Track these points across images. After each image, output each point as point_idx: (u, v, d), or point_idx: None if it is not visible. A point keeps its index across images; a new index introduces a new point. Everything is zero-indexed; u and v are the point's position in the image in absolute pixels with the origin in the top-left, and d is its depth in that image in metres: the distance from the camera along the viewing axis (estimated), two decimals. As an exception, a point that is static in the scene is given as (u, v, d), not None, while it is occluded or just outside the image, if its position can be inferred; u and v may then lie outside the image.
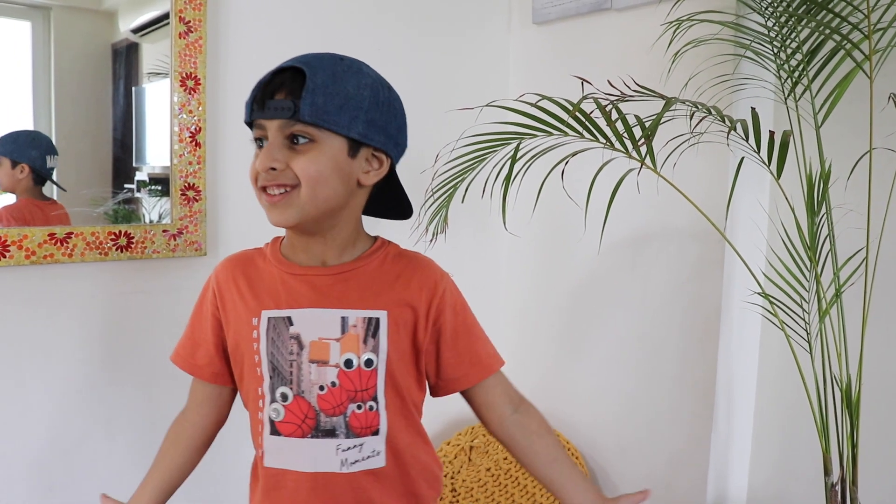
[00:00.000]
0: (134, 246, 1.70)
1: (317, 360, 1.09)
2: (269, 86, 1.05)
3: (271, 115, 1.03)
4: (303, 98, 1.01)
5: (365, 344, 1.09)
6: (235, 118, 1.85)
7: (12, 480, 1.63)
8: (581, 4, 2.19)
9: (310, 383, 1.09)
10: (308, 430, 1.09)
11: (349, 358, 1.09)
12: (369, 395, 1.10)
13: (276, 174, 1.04)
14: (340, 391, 1.09)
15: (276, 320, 1.09)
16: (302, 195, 1.04)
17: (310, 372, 1.09)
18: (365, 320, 1.09)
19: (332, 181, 1.06)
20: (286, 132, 1.04)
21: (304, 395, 1.09)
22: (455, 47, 2.33)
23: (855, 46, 1.43)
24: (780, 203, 1.65)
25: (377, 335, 1.10)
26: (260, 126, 1.06)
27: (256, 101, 1.05)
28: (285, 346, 1.09)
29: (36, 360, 1.64)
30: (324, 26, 2.01)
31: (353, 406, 1.09)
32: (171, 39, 1.71)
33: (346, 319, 1.09)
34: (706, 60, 1.79)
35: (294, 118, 1.02)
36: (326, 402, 1.09)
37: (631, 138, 1.48)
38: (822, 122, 1.56)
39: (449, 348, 1.17)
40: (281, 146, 1.04)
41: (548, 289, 2.40)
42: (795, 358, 1.60)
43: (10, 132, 1.57)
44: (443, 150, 1.78)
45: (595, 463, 2.28)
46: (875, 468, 1.69)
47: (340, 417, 1.09)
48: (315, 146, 1.04)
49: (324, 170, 1.05)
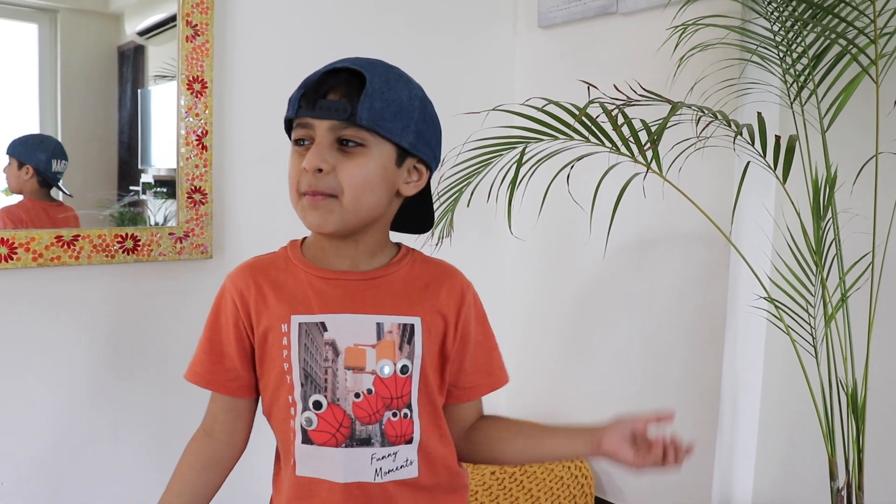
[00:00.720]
0: (140, 248, 1.70)
1: (353, 366, 1.05)
2: (321, 85, 1.00)
3: (324, 114, 0.99)
4: (361, 101, 0.98)
5: (400, 350, 1.07)
6: (242, 121, 1.86)
7: (20, 481, 1.63)
8: (587, 8, 2.20)
9: (345, 391, 1.06)
10: (343, 438, 1.06)
11: (385, 364, 1.06)
12: (404, 403, 1.08)
13: (321, 177, 0.99)
14: (376, 398, 1.06)
15: (309, 326, 1.05)
16: (345, 204, 1.01)
17: (345, 379, 1.05)
18: (400, 326, 1.07)
19: (377, 189, 1.04)
20: (337, 134, 1.00)
21: (338, 403, 1.06)
22: (461, 51, 2.33)
23: (861, 51, 1.43)
24: (786, 207, 1.65)
25: (412, 341, 1.07)
26: (306, 125, 1.01)
27: (305, 99, 1.00)
28: (320, 353, 1.06)
29: (42, 361, 1.64)
30: (330, 30, 2.01)
31: (389, 413, 1.07)
32: (178, 43, 1.72)
33: (381, 325, 1.06)
34: (712, 65, 1.79)
35: (349, 121, 0.98)
36: (362, 409, 1.06)
37: (637, 143, 1.48)
38: (828, 127, 1.56)
39: (470, 358, 1.16)
40: (330, 147, 1.00)
41: (553, 293, 2.39)
42: (801, 362, 1.60)
43: (22, 135, 1.58)
44: (449, 153, 1.78)
45: (601, 467, 2.28)
46: (881, 473, 1.69)
47: (376, 425, 1.06)
48: (365, 151, 1.01)
49: (371, 176, 1.02)
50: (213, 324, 1.14)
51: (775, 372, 1.98)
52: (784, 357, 1.89)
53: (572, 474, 2.19)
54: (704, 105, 1.54)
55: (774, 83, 1.75)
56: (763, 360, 2.00)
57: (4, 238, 1.53)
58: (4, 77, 1.56)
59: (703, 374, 1.98)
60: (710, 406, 1.96)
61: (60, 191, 1.62)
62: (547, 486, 2.15)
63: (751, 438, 2.02)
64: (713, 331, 1.94)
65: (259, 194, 1.91)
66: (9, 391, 1.61)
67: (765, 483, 2.02)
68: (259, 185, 1.90)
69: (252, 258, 1.15)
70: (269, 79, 1.89)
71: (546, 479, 2.16)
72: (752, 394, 2.00)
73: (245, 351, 1.11)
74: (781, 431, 1.99)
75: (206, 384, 1.14)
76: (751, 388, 2.00)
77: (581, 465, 2.21)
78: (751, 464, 2.03)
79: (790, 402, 1.93)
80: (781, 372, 1.95)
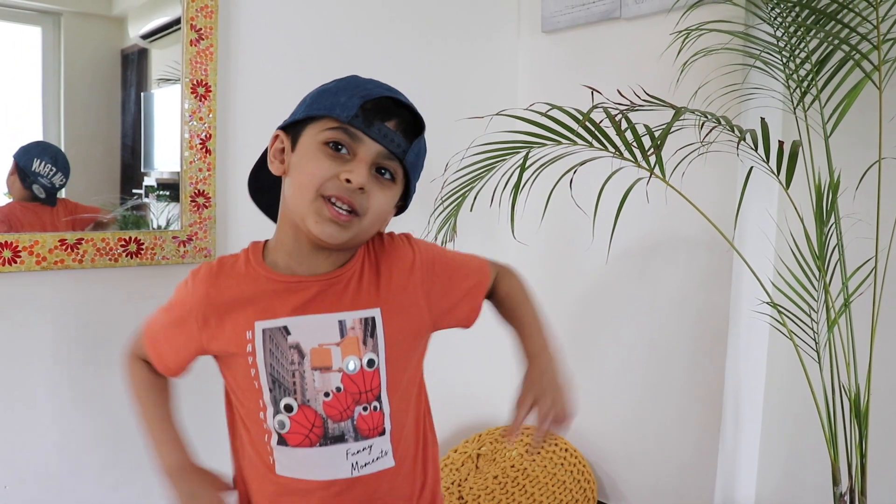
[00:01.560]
0: (144, 252, 1.70)
1: (319, 366, 1.07)
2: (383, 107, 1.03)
3: (381, 140, 1.02)
4: (413, 145, 1.05)
5: (365, 345, 1.09)
6: (246, 125, 1.86)
7: (22, 485, 1.63)
8: (590, 13, 2.20)
9: (314, 391, 1.07)
10: (316, 438, 1.08)
11: (351, 361, 1.08)
12: (374, 396, 1.10)
13: (358, 195, 1.02)
14: (345, 395, 1.08)
15: (272, 331, 1.07)
16: (364, 224, 1.04)
17: (314, 380, 1.07)
18: (362, 321, 1.09)
19: (385, 219, 1.11)
20: (380, 162, 1.04)
21: (309, 404, 1.08)
22: (464, 55, 2.34)
23: (864, 57, 1.43)
24: (789, 212, 1.65)
25: (375, 334, 1.09)
26: (353, 136, 1.02)
27: (365, 112, 1.01)
28: (285, 357, 1.07)
29: (45, 364, 1.64)
30: (334, 35, 2.02)
31: (360, 408, 1.09)
32: (182, 47, 1.72)
33: (343, 323, 1.08)
34: (715, 70, 1.79)
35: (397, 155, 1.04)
36: (333, 407, 1.08)
37: (640, 147, 1.49)
38: (831, 132, 1.56)
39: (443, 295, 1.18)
40: (371, 169, 1.03)
41: (555, 297, 2.39)
42: (804, 367, 1.60)
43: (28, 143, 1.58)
44: (452, 158, 1.79)
45: (602, 471, 2.27)
46: (884, 478, 1.69)
47: (348, 422, 1.08)
48: (393, 186, 1.06)
49: (388, 209, 1.08)
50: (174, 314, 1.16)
51: (778, 376, 1.98)
52: (786, 362, 1.90)
53: (575, 478, 2.19)
54: (707, 110, 1.54)
55: (777, 88, 1.76)
56: (765, 364, 2.00)
57: (8, 241, 1.53)
58: (8, 80, 1.57)
59: (705, 379, 1.98)
60: (712, 410, 1.96)
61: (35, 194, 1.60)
62: (549, 490, 2.15)
63: (753, 443, 2.02)
64: (716, 335, 1.94)
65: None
66: (12, 394, 1.61)
67: (767, 488, 2.02)
68: (262, 189, 1.90)
69: (216, 261, 1.16)
70: (273, 83, 1.90)
71: (549, 482, 2.16)
72: (754, 398, 2.00)
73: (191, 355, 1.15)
74: (784, 436, 1.99)
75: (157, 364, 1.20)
76: (753, 393, 2.00)
77: (584, 468, 2.22)
78: (753, 468, 2.03)
79: (793, 407, 1.93)
80: (784, 376, 1.95)
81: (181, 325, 1.13)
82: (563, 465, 2.22)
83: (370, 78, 1.08)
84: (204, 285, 1.12)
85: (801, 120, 1.65)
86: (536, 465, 2.21)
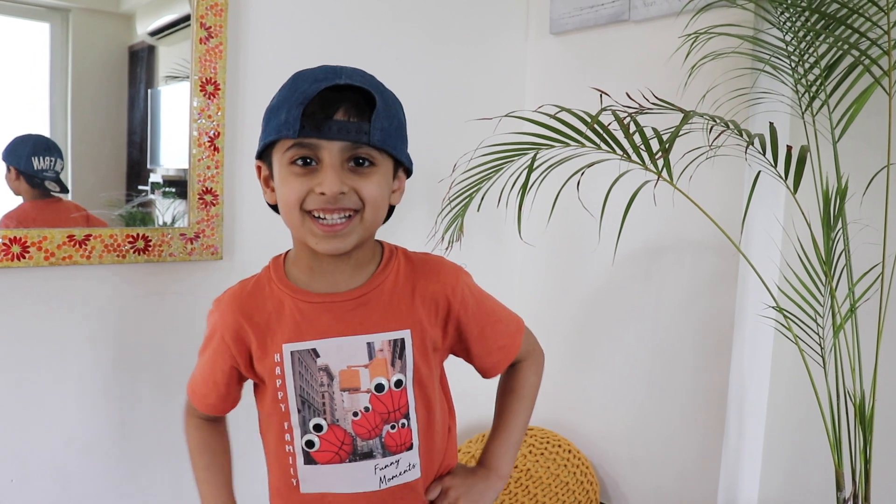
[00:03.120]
0: (151, 249, 1.71)
1: (348, 388, 1.07)
2: (325, 104, 0.98)
3: (337, 136, 0.97)
4: (373, 121, 0.98)
5: (393, 366, 1.08)
6: (254, 124, 1.85)
7: (29, 479, 1.64)
8: (599, 16, 2.20)
9: (343, 411, 1.08)
10: (346, 455, 1.09)
11: (379, 382, 1.08)
12: (402, 414, 1.10)
13: (342, 198, 0.99)
14: (374, 415, 1.08)
15: (302, 353, 1.07)
16: (365, 219, 1.02)
17: (342, 400, 1.07)
18: (390, 343, 1.08)
19: (384, 204, 1.07)
20: (349, 154, 0.99)
21: (338, 424, 1.08)
22: (472, 57, 2.34)
23: (874, 62, 1.43)
24: (796, 217, 1.65)
25: (404, 356, 1.09)
26: (309, 145, 0.98)
27: (309, 119, 0.97)
28: (315, 379, 1.07)
29: (53, 359, 1.65)
30: (343, 35, 2.02)
31: (388, 427, 1.09)
32: (191, 44, 1.72)
33: (371, 345, 1.07)
34: (723, 74, 1.79)
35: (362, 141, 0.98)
36: (361, 426, 1.08)
37: (648, 151, 1.49)
38: (840, 137, 1.56)
39: (477, 344, 1.17)
40: (342, 168, 0.99)
41: (561, 299, 2.40)
42: (809, 372, 1.60)
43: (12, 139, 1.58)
44: (461, 159, 1.79)
45: (606, 474, 2.27)
46: (888, 484, 1.69)
47: (377, 439, 1.09)
48: (377, 170, 1.02)
49: (384, 194, 1.04)
50: (205, 350, 1.16)
51: (782, 381, 1.97)
52: (791, 366, 1.89)
53: (578, 480, 2.19)
54: (716, 114, 1.54)
55: (786, 93, 1.75)
56: (770, 369, 2.00)
57: (17, 237, 1.54)
58: (16, 75, 1.57)
59: (709, 382, 1.98)
60: (716, 414, 1.96)
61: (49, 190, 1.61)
62: (552, 492, 2.15)
63: (757, 447, 2.02)
64: (721, 339, 1.94)
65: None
66: (19, 389, 1.61)
67: (770, 492, 2.02)
68: (270, 187, 1.91)
69: (237, 285, 1.15)
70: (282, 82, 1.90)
71: (551, 484, 2.16)
72: (758, 402, 2.00)
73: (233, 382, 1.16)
74: (787, 441, 1.99)
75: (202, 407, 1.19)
76: (757, 397, 2.00)
77: (587, 470, 2.22)
78: (756, 472, 2.03)
79: (797, 412, 1.93)
80: (788, 381, 1.95)
81: (217, 354, 1.13)
82: (566, 467, 2.22)
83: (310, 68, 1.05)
84: (231, 309, 1.11)
85: (809, 125, 1.65)
86: (539, 467, 2.21)
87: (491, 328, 1.19)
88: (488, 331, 1.18)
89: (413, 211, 2.10)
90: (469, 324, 1.15)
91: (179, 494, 1.81)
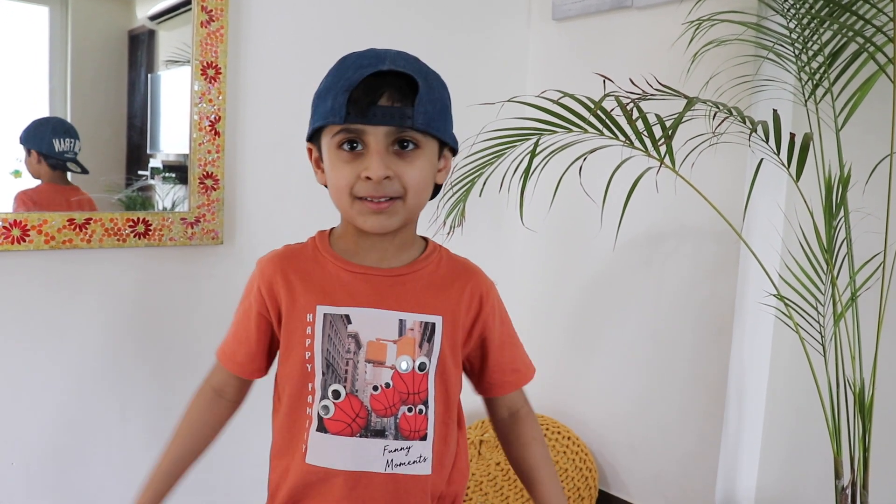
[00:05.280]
0: (151, 233, 1.71)
1: (373, 360, 1.08)
2: (369, 90, 0.99)
3: (381, 121, 1.00)
4: (416, 107, 1.00)
5: (420, 348, 1.10)
6: (255, 108, 1.86)
7: (29, 461, 1.64)
8: (601, 2, 2.19)
9: (364, 382, 1.08)
10: (358, 428, 1.09)
11: (405, 360, 1.09)
12: (420, 399, 1.10)
13: (386, 183, 1.01)
14: (393, 392, 1.09)
15: (334, 317, 1.08)
16: (408, 204, 1.04)
17: (365, 371, 1.08)
18: (422, 324, 1.10)
19: (430, 186, 1.09)
20: (394, 138, 1.02)
21: (357, 394, 1.08)
22: (474, 43, 2.33)
23: (878, 49, 1.42)
24: (798, 205, 1.65)
25: (432, 340, 1.10)
26: (355, 131, 1.01)
27: (354, 105, 0.99)
28: (342, 344, 1.08)
29: (53, 343, 1.65)
30: (345, 20, 2.01)
31: (405, 408, 1.09)
32: (192, 28, 1.72)
33: (403, 322, 1.09)
34: (726, 61, 1.79)
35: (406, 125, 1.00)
36: (379, 402, 1.09)
37: (651, 137, 1.48)
38: (843, 125, 1.55)
39: (494, 356, 1.18)
40: (387, 152, 1.02)
41: (562, 284, 2.40)
42: (809, 360, 1.60)
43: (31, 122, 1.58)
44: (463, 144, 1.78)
45: (605, 460, 2.28)
46: (886, 472, 1.69)
47: (391, 419, 1.09)
48: (420, 153, 1.04)
49: (428, 177, 1.07)
50: (241, 306, 1.17)
51: (782, 369, 1.98)
52: (791, 354, 1.90)
53: (577, 467, 2.20)
54: (719, 101, 1.53)
55: (789, 80, 1.75)
56: (770, 356, 2.00)
57: (18, 220, 1.53)
58: (15, 60, 1.56)
59: (709, 370, 1.98)
60: (715, 401, 1.96)
61: (70, 171, 1.62)
62: (551, 478, 2.15)
63: (756, 435, 2.03)
64: (721, 326, 1.94)
65: (271, 181, 1.91)
66: (20, 373, 1.62)
67: (769, 479, 2.03)
68: (271, 172, 1.91)
69: (283, 247, 1.17)
70: (284, 66, 1.89)
71: (550, 470, 2.17)
72: (758, 390, 2.00)
73: (263, 337, 1.15)
74: (786, 428, 1.99)
75: (228, 365, 1.18)
76: (757, 384, 2.00)
77: (586, 457, 2.22)
78: (755, 460, 2.04)
79: (796, 400, 1.94)
80: (788, 369, 1.95)
81: (251, 307, 1.14)
82: (566, 454, 2.22)
83: (356, 52, 1.06)
84: (271, 264, 1.13)
85: (812, 112, 1.64)
86: (539, 453, 2.22)
87: (510, 348, 1.21)
88: (507, 349, 1.20)
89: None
90: (493, 332, 1.17)
91: (179, 478, 1.81)
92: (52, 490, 1.68)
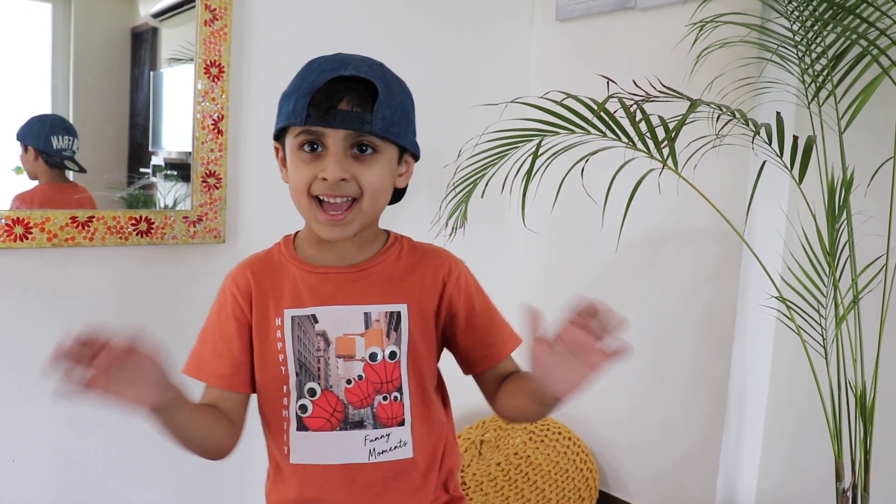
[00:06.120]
0: (154, 231, 1.71)
1: (343, 355, 1.11)
2: (330, 93, 1.02)
3: (340, 125, 1.02)
4: (375, 111, 1.02)
5: (388, 337, 1.12)
6: (258, 107, 1.86)
7: (31, 460, 1.64)
8: (605, 3, 2.19)
9: (337, 377, 1.11)
10: (337, 423, 1.12)
11: (374, 352, 1.12)
12: (394, 387, 1.13)
13: (343, 185, 1.04)
14: (367, 384, 1.11)
15: (301, 319, 1.11)
16: (364, 207, 1.06)
17: (337, 367, 1.11)
18: (387, 314, 1.12)
19: (388, 190, 1.10)
20: (352, 141, 1.04)
21: (331, 390, 1.11)
22: (477, 43, 2.33)
23: (882, 52, 1.42)
24: (801, 207, 1.64)
25: (399, 328, 1.12)
26: (315, 133, 1.04)
27: (315, 107, 1.02)
28: (312, 343, 1.11)
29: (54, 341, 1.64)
30: (348, 20, 2.01)
31: (380, 397, 1.12)
32: (196, 27, 1.72)
33: (368, 315, 1.12)
34: (730, 63, 1.79)
35: (364, 129, 1.02)
36: (354, 394, 1.12)
37: (654, 139, 1.48)
38: (846, 128, 1.55)
39: (465, 332, 1.18)
40: (345, 155, 1.04)
41: (563, 286, 2.40)
42: (810, 362, 1.60)
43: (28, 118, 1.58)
44: (465, 145, 1.78)
45: (605, 461, 2.28)
46: (887, 475, 1.69)
47: (368, 409, 1.12)
48: (379, 157, 1.06)
49: (385, 181, 1.08)
50: (214, 321, 1.17)
51: (783, 371, 1.98)
52: (793, 357, 1.89)
53: (577, 468, 2.20)
54: (722, 103, 1.53)
55: (792, 83, 1.75)
56: (771, 358, 2.00)
57: (20, 218, 1.54)
58: (18, 57, 1.56)
59: (711, 372, 1.98)
60: (716, 403, 1.96)
61: (69, 169, 1.61)
62: (552, 479, 2.15)
63: (757, 436, 2.03)
64: (723, 328, 1.94)
65: (273, 180, 1.88)
66: (21, 369, 1.62)
67: (769, 481, 2.03)
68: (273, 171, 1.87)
69: (249, 256, 1.20)
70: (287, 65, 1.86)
71: (551, 471, 2.17)
72: (759, 392, 2.00)
73: (246, 343, 1.15)
74: (787, 430, 1.99)
75: (207, 378, 1.14)
76: (758, 386, 2.00)
77: (587, 457, 2.22)
78: (756, 462, 2.04)
79: (797, 402, 1.93)
80: (789, 371, 1.95)
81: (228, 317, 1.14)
82: (566, 454, 2.22)
83: (323, 56, 1.09)
84: (242, 274, 1.16)
85: (815, 115, 1.64)
86: (539, 453, 2.22)
87: (484, 324, 1.19)
88: (480, 324, 1.19)
89: (417, 196, 2.09)
90: (460, 309, 1.17)
91: (181, 474, 1.81)
92: (52, 488, 1.69)
